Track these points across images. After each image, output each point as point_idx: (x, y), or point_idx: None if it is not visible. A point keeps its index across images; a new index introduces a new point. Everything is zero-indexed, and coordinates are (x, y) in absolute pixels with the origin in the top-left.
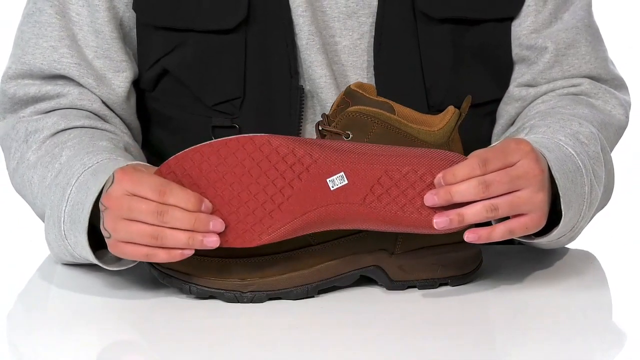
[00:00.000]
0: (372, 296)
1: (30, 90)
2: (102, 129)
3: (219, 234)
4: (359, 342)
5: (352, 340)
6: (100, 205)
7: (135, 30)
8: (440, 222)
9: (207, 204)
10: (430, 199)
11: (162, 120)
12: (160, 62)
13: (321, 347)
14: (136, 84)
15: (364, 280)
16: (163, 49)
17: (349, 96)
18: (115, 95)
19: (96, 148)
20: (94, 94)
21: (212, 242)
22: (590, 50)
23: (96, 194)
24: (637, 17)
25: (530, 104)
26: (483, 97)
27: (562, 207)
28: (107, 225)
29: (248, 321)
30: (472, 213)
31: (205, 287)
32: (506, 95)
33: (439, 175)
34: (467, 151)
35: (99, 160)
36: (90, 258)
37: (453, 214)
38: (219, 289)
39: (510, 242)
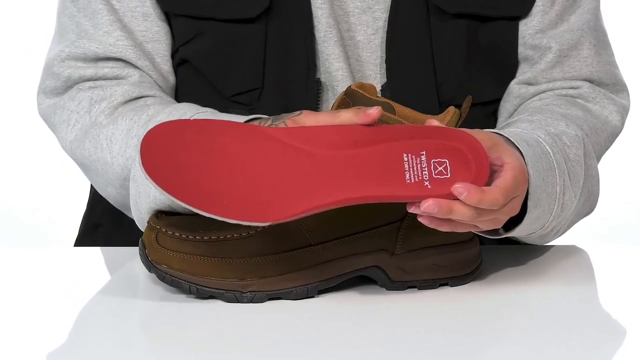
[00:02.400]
0: (372, 296)
1: (86, 72)
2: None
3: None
4: (358, 342)
5: (352, 340)
6: None
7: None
8: (430, 206)
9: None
10: (431, 207)
11: None
12: (180, 51)
13: (321, 347)
14: None
15: (364, 280)
16: (183, 38)
17: (350, 96)
18: (166, 81)
19: (191, 105)
20: (151, 77)
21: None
22: (592, 53)
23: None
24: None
25: (527, 101)
26: (491, 96)
27: (529, 205)
28: None
29: (248, 321)
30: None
31: (205, 287)
32: (506, 92)
33: (465, 192)
34: None
35: (205, 109)
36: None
37: (444, 208)
38: (219, 289)
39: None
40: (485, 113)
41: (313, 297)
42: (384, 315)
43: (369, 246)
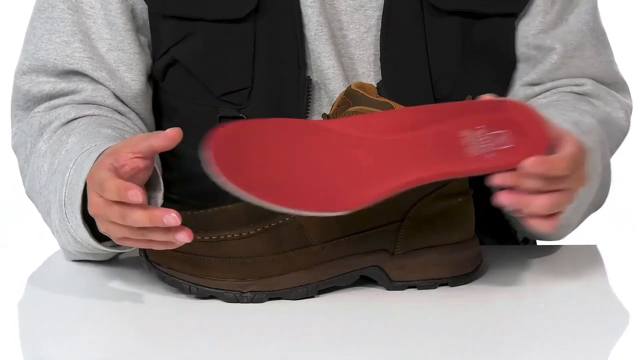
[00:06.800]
0: (372, 296)
1: (44, 87)
2: (112, 117)
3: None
4: (358, 342)
5: (352, 340)
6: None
7: (149, 21)
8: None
9: (133, 194)
10: (501, 180)
11: (170, 111)
12: (170, 51)
13: (321, 347)
14: (150, 76)
15: (364, 280)
16: (173, 39)
17: (350, 96)
18: (129, 89)
19: (99, 134)
20: (108, 88)
21: (181, 236)
22: (594, 53)
23: (87, 172)
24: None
25: (532, 99)
26: (488, 92)
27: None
28: (102, 230)
29: (248, 321)
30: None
31: (205, 287)
32: (511, 94)
33: (535, 165)
34: None
35: (96, 143)
36: (88, 238)
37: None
38: (219, 289)
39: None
40: None
41: (313, 297)
42: (384, 315)
43: (369, 246)
